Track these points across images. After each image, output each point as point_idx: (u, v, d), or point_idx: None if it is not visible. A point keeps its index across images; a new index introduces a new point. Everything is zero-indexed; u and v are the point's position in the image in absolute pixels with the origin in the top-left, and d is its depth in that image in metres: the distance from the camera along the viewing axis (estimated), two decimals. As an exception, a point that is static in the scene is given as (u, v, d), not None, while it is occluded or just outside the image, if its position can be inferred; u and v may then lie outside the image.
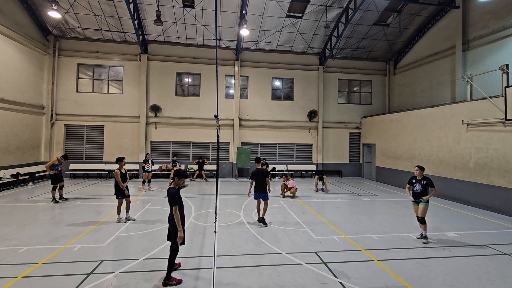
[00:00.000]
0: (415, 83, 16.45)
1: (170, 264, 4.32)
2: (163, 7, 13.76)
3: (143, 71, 15.80)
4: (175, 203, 4.28)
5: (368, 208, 9.59)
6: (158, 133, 16.22)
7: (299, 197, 11.17)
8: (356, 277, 4.63)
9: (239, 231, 6.88)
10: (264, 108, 17.26)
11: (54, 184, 9.48)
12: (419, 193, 6.42)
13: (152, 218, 7.82)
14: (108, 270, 4.72)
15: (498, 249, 5.97)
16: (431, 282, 4.52)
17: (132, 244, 5.93)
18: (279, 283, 4.39)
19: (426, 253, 5.71)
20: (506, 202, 8.94)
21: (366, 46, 17.34)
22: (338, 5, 14.54)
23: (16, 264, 4.86)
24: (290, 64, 17.53)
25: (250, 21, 14.79)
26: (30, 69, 13.77)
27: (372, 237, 6.59)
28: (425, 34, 15.68)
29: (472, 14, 12.88)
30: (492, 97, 9.50)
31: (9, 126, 12.37)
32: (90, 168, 15.29)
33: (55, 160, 9.66)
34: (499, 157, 9.20)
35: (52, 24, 14.65)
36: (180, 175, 4.46)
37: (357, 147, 18.32)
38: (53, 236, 6.29)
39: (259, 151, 17.40)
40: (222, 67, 16.57)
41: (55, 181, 9.47)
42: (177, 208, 4.28)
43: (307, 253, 5.58)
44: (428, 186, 6.39)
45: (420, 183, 6.44)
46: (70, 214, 8.14)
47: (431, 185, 6.38)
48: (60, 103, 15.25)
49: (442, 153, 11.51)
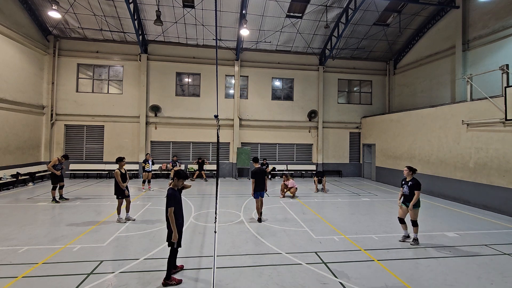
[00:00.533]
0: (415, 83, 16.46)
1: (169, 264, 4.32)
2: (163, 7, 13.76)
3: (143, 71, 15.80)
4: (170, 204, 4.25)
5: (368, 208, 9.59)
6: (158, 133, 16.22)
7: (299, 197, 11.17)
8: (356, 277, 4.63)
9: (239, 231, 6.88)
10: (264, 108, 17.26)
11: (54, 184, 9.48)
12: (407, 195, 6.11)
13: (152, 218, 7.83)
14: (108, 270, 4.72)
15: (498, 249, 5.97)
16: (431, 282, 4.52)
17: (132, 244, 5.93)
18: (279, 283, 4.39)
19: (426, 253, 5.71)
20: (506, 202, 8.94)
21: (366, 46, 17.34)
22: (338, 5, 14.54)
23: (16, 264, 4.86)
24: (290, 64, 17.53)
25: (250, 21, 14.79)
26: (30, 69, 13.77)
27: (372, 237, 6.59)
28: (425, 34, 15.68)
29: (472, 14, 12.88)
30: (492, 97, 9.49)
31: (9, 126, 12.37)
32: (90, 168, 15.29)
33: (56, 160, 9.66)
34: (499, 157, 9.20)
35: (52, 24, 14.65)
36: (179, 176, 4.42)
37: (357, 147, 18.32)
38: (53, 236, 6.29)
39: (259, 151, 17.40)
40: (222, 67, 16.57)
41: (55, 181, 9.47)
42: (173, 209, 4.24)
43: (307, 253, 5.58)
44: (413, 189, 6.01)
45: (407, 185, 6.12)
46: (70, 214, 8.14)
47: (416, 187, 5.98)
48: (60, 103, 15.25)
49: (442, 153, 11.51)
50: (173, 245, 4.32)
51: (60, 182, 9.59)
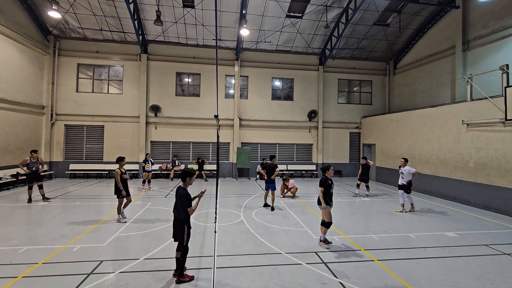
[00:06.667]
0: (415, 83, 16.45)
1: (182, 262, 4.37)
2: (163, 7, 13.76)
3: (143, 71, 15.80)
4: (189, 204, 4.37)
5: (368, 208, 9.59)
6: (158, 133, 16.22)
7: (299, 197, 11.17)
8: (356, 277, 4.62)
9: (239, 231, 6.88)
10: (264, 108, 17.26)
11: (29, 183, 9.20)
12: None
13: (152, 218, 7.82)
14: (108, 270, 4.72)
15: (498, 249, 5.97)
16: (431, 282, 4.52)
17: (132, 244, 5.93)
18: (279, 283, 4.39)
19: (426, 253, 5.71)
20: (506, 202, 8.94)
21: (366, 46, 17.34)
22: (338, 5, 14.54)
23: (16, 264, 4.86)
24: (290, 64, 17.52)
25: (250, 21, 14.79)
26: (30, 69, 13.77)
27: (372, 237, 6.59)
28: (425, 34, 15.68)
29: (472, 14, 12.87)
30: (492, 97, 9.49)
31: (9, 126, 12.37)
32: (90, 168, 15.28)
33: (27, 159, 9.28)
34: (499, 157, 9.20)
35: (52, 24, 14.65)
36: (191, 175, 4.53)
37: (357, 147, 18.32)
38: (53, 236, 6.29)
39: (259, 151, 17.40)
40: (222, 67, 16.57)
41: (30, 180, 9.21)
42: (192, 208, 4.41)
43: (307, 253, 5.58)
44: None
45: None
46: (70, 214, 8.13)
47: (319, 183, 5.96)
48: (60, 103, 15.25)
49: (442, 153, 11.51)
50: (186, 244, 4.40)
51: (36, 181, 9.25)
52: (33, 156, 9.40)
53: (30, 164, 9.31)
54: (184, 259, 4.38)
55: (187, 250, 4.42)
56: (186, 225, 4.39)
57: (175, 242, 4.50)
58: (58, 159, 15.12)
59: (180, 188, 4.46)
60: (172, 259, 4.82)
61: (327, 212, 5.90)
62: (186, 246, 4.39)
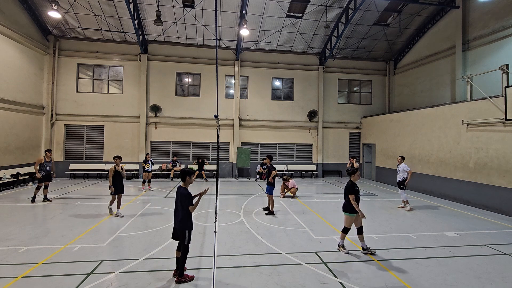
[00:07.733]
0: (415, 83, 16.45)
1: (183, 262, 4.37)
2: (163, 7, 13.76)
3: (143, 71, 15.80)
4: (190, 203, 4.40)
5: (368, 208, 9.58)
6: (158, 133, 16.22)
7: (299, 197, 11.17)
8: (356, 277, 4.62)
9: (239, 231, 6.88)
10: (264, 108, 17.26)
11: (40, 183, 9.18)
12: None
13: (152, 218, 7.82)
14: (108, 270, 4.72)
15: (498, 249, 5.97)
16: (431, 282, 4.52)
17: (132, 244, 5.93)
18: (279, 283, 4.39)
19: (426, 253, 5.71)
20: (506, 202, 8.94)
21: (366, 46, 17.34)
22: (338, 5, 14.54)
23: (16, 264, 4.86)
24: (290, 64, 17.52)
25: (250, 21, 14.79)
26: (30, 69, 13.77)
27: (372, 237, 6.59)
28: (425, 34, 15.68)
29: (472, 14, 12.87)
30: (492, 97, 9.50)
31: (9, 126, 12.37)
32: (90, 168, 15.28)
33: (42, 159, 9.19)
34: (499, 157, 9.20)
35: (52, 24, 14.65)
36: (190, 174, 4.56)
37: (357, 147, 18.32)
38: (53, 236, 6.29)
39: (259, 151, 17.40)
40: (222, 67, 16.57)
41: (41, 179, 9.19)
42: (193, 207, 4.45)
43: (307, 253, 5.58)
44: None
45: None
46: (70, 214, 8.13)
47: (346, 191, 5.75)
48: (60, 103, 15.25)
49: (442, 153, 11.51)
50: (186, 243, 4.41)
51: (46, 181, 9.26)
52: (47, 156, 9.40)
53: (45, 164, 9.30)
54: (184, 259, 4.38)
55: (187, 249, 4.42)
56: (188, 226, 4.39)
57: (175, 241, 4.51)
58: (58, 159, 15.12)
59: (180, 187, 4.49)
60: (172, 259, 4.82)
61: (351, 218, 5.63)
62: (187, 246, 4.39)
